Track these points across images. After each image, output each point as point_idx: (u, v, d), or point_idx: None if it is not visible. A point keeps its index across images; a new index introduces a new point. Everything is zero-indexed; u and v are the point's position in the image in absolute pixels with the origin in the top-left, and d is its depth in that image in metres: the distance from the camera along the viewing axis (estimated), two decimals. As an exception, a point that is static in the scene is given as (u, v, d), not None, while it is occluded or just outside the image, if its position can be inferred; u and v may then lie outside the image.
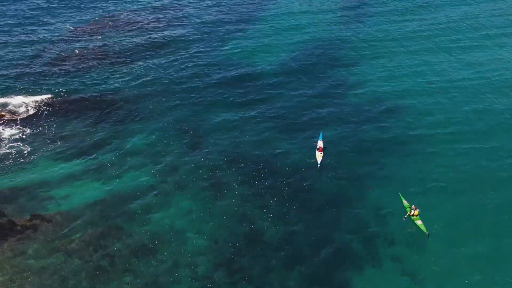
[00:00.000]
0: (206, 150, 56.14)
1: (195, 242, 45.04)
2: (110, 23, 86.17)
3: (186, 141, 57.39)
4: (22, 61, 71.18)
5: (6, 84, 65.74)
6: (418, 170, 54.31)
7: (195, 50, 76.89)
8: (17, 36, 78.68)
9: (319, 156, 56.75)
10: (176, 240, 45.06)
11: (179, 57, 74.67)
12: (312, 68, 73.68)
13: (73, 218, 46.60)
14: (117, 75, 69.34)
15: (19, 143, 55.58)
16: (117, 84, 67.43)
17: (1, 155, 53.72)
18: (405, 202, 50.01)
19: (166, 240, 44.98)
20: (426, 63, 76.60)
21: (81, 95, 64.84)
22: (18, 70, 69.08)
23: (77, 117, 60.82)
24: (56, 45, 76.90)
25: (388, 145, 58.25)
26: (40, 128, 58.11)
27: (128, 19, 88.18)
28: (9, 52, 73.49)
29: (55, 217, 46.53)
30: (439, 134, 60.13)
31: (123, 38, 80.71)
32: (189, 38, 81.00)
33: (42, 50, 74.67)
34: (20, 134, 56.88)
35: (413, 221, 48.08)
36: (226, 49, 77.81)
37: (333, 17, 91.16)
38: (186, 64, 72.48)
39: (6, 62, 70.47)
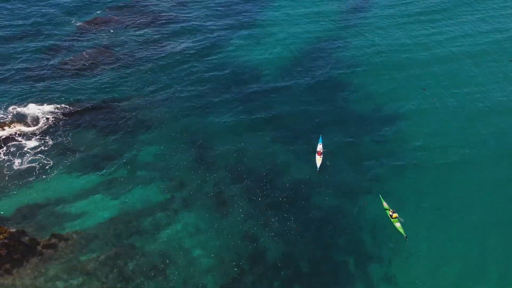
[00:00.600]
0: (212, 164, 59.32)
1: (202, 261, 48.76)
2: (116, 17, 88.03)
3: (193, 154, 60.51)
4: (33, 68, 73.68)
5: (20, 92, 68.33)
6: (414, 189, 57.42)
7: (203, 57, 79.06)
8: (27, 37, 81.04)
9: (318, 160, 60.13)
10: (184, 259, 48.79)
11: (188, 64, 76.85)
12: (317, 74, 76.05)
13: (90, 237, 50.26)
14: (126, 81, 71.99)
15: (36, 157, 58.76)
16: (126, 91, 70.11)
17: (22, 170, 56.91)
18: (385, 205, 54.32)
19: (175, 259, 48.71)
20: (436, 69, 78.33)
21: (92, 103, 67.53)
22: (31, 77, 71.67)
23: (89, 127, 63.75)
24: (65, 47, 79.27)
25: (386, 159, 61.14)
26: (56, 140, 61.10)
27: (133, 11, 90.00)
28: (20, 57, 75.81)
29: (73, 236, 50.21)
30: (440, 155, 62.20)
31: (129, 36, 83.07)
32: (198, 41, 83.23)
33: (52, 54, 77.13)
34: (37, 148, 59.95)
35: (392, 223, 52.32)
36: (234, 55, 79.89)
37: (339, 19, 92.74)
38: (194, 75, 74.57)
39: (20, 72, 72.71)
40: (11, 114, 64.19)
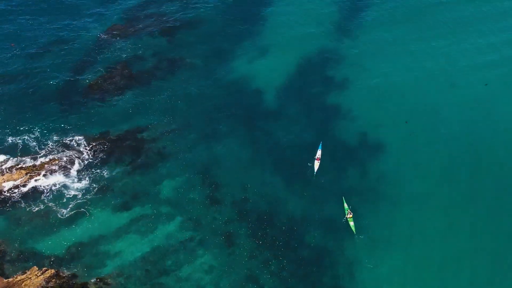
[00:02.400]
0: (223, 203, 71.42)
1: (215, 300, 63.20)
2: (130, 23, 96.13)
3: (206, 192, 72.39)
4: (62, 94, 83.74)
5: (55, 123, 79.06)
6: (389, 224, 69.66)
7: (213, 77, 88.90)
8: (51, 51, 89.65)
9: (316, 164, 72.52)
10: (202, 298, 63.15)
11: (201, 88, 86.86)
12: (310, 97, 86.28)
13: (127, 277, 63.78)
14: (145, 108, 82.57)
15: (79, 196, 70.73)
16: (146, 119, 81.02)
17: (68, 210, 69.24)
18: (345, 205, 68.99)
19: (195, 298, 63.05)
20: (427, 95, 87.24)
21: (118, 134, 78.41)
22: (62, 104, 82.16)
23: (118, 162, 75.14)
24: (87, 62, 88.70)
25: (368, 193, 73.00)
26: (93, 178, 72.72)
27: (145, 16, 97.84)
28: (47, 77, 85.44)
29: (114, 277, 63.77)
30: (419, 191, 73.44)
31: (145, 48, 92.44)
32: (209, 55, 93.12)
33: (76, 74, 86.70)
34: (79, 187, 71.71)
35: (347, 221, 67.63)
36: (246, 80, 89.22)
37: (331, 34, 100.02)
38: (207, 103, 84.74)
39: (51, 97, 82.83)
40: (50, 150, 75.21)
